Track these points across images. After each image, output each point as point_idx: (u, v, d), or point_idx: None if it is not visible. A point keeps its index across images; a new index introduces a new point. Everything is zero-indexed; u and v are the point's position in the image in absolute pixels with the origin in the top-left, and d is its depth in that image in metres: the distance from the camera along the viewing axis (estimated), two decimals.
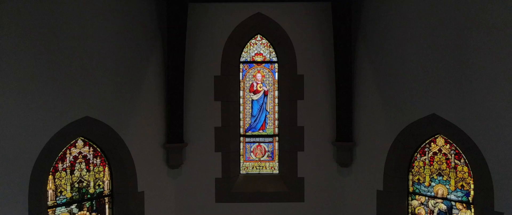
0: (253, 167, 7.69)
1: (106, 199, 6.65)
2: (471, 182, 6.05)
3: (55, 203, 6.05)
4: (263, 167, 7.69)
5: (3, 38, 5.14)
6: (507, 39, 5.34)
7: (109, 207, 6.68)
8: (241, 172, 7.64)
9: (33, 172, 5.52)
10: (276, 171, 7.65)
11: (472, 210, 6.05)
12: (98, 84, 6.16)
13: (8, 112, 5.25)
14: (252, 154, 7.70)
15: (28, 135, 5.45)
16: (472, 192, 6.06)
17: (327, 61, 7.17)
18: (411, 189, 6.72)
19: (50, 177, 5.94)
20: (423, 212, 6.60)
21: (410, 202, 6.74)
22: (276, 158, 7.66)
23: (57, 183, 6.05)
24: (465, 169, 6.12)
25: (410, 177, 6.71)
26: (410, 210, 6.74)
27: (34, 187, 5.53)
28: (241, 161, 7.64)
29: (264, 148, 7.69)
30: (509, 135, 5.40)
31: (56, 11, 5.63)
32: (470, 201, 6.09)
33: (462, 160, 6.15)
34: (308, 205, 7.36)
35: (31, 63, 5.42)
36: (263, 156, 7.70)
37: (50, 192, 5.97)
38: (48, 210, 5.94)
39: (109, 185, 6.68)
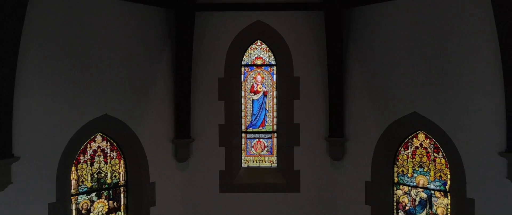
0: (253, 161, 8.42)
1: (121, 189, 7.39)
2: (448, 172, 6.78)
3: (77, 191, 6.79)
4: (262, 160, 8.41)
5: (37, 50, 5.88)
6: (478, 46, 6.06)
7: (124, 196, 7.41)
8: (242, 165, 8.36)
9: (60, 163, 6.28)
10: (275, 164, 8.37)
11: (449, 197, 6.79)
12: (115, 86, 6.89)
13: (40, 111, 6.00)
14: (252, 148, 8.42)
15: (56, 131, 6.20)
16: (448, 182, 6.80)
17: (320, 64, 7.88)
18: (396, 180, 7.45)
19: (73, 168, 6.68)
20: (406, 200, 7.34)
21: (395, 191, 7.48)
22: (275, 152, 8.38)
23: (79, 174, 6.80)
24: (443, 161, 6.86)
25: (395, 169, 7.45)
26: (395, 199, 7.48)
27: (60, 177, 6.29)
28: (242, 155, 8.35)
29: (264, 143, 8.41)
30: (479, 131, 6.13)
31: (80, 24, 6.40)
32: (447, 190, 6.83)
33: (440, 153, 6.88)
34: (304, 195, 8.08)
35: (58, 70, 6.17)
36: (262, 151, 8.42)
37: (73, 181, 6.72)
38: (72, 197, 6.68)
39: (124, 176, 7.42)
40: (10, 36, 5.31)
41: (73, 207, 6.73)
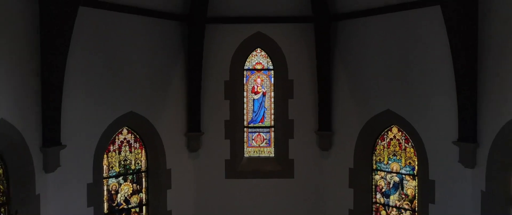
0: (254, 151, 9.78)
1: (143, 174, 8.77)
2: (416, 159, 8.16)
3: (108, 175, 8.18)
4: (262, 151, 9.78)
5: (78, 61, 7.22)
6: (435, 56, 7.42)
7: (145, 180, 8.78)
8: (245, 155, 9.71)
9: (95, 151, 7.66)
10: (272, 154, 9.74)
11: (416, 180, 8.18)
12: (139, 88, 8.26)
13: (80, 109, 7.36)
14: (253, 141, 9.79)
15: (93, 125, 7.58)
16: (416, 167, 8.18)
17: (311, 69, 9.20)
18: (374, 167, 8.83)
19: (105, 155, 8.06)
20: (382, 183, 8.72)
21: (373, 176, 8.85)
22: (272, 144, 9.75)
23: (109, 160, 8.18)
24: (412, 150, 8.24)
25: (373, 157, 8.82)
26: (373, 183, 8.86)
27: (96, 162, 7.67)
28: (245, 147, 9.72)
29: (263, 136, 9.78)
30: (438, 125, 7.50)
31: (112, 38, 7.77)
32: (415, 174, 8.21)
33: (409, 144, 8.26)
34: (297, 180, 9.44)
35: (94, 77, 7.53)
36: (262, 143, 9.78)
37: (105, 167, 8.09)
38: (103, 180, 8.06)
39: (145, 163, 8.79)
40: (58, 52, 6.65)
41: (105, 188, 8.12)
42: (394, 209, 8.54)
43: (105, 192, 8.14)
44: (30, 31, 6.47)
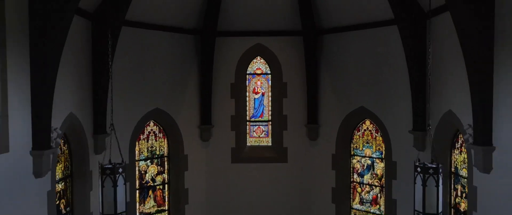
0: (255, 141, 11.85)
1: (165, 158, 10.85)
2: (383, 146, 10.26)
3: (139, 159, 10.27)
4: (261, 141, 11.85)
5: (118, 67, 9.30)
6: (397, 65, 9.48)
7: (167, 163, 10.87)
8: (247, 144, 11.78)
9: (130, 139, 9.75)
10: (270, 143, 11.80)
11: (384, 162, 10.27)
12: (162, 89, 10.34)
13: (120, 107, 9.39)
14: (254, 132, 11.86)
15: (129, 119, 9.65)
16: (384, 152, 10.27)
17: (302, 73, 11.25)
18: (352, 153, 10.92)
19: (136, 143, 10.15)
20: (358, 166, 10.81)
21: (351, 160, 10.95)
22: (270, 135, 11.81)
23: (140, 147, 10.27)
24: (380, 138, 10.33)
25: (351, 145, 10.92)
26: (351, 165, 10.96)
27: (131, 148, 9.76)
28: (247, 137, 11.79)
29: (262, 129, 11.86)
30: (399, 118, 9.57)
31: (142, 50, 9.83)
32: (383, 157, 10.31)
33: (379, 133, 10.36)
34: (290, 165, 11.50)
35: (130, 81, 9.58)
36: (261, 134, 11.86)
37: (136, 152, 10.19)
38: (135, 162, 10.15)
39: (167, 150, 10.88)
40: (105, 62, 8.72)
41: (136, 169, 10.21)
42: (367, 186, 10.65)
43: (137, 172, 10.23)
44: (86, 48, 8.54)
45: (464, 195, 7.95)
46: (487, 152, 6.58)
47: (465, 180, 7.76)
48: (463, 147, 7.94)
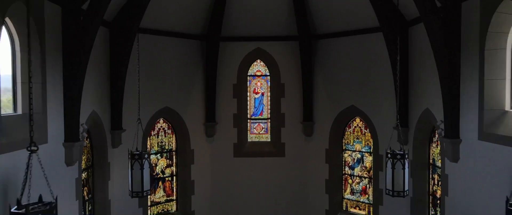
0: (255, 137, 12.90)
1: (174, 153, 11.91)
2: (371, 141, 11.32)
3: (150, 152, 11.33)
4: (261, 137, 12.90)
5: (132, 69, 10.35)
6: (384, 68, 10.54)
7: (175, 157, 11.93)
8: (248, 140, 12.83)
9: (144, 134, 10.79)
10: (269, 139, 12.86)
11: (372, 156, 11.33)
12: (172, 90, 11.40)
13: (135, 106, 10.45)
14: (254, 129, 12.92)
15: (141, 116, 10.59)
16: (372, 147, 11.33)
17: (297, 75, 12.30)
18: (343, 147, 11.98)
19: (148, 138, 11.21)
20: (349, 159, 11.87)
21: (343, 154, 12.01)
22: (269, 131, 12.87)
23: (151, 142, 11.34)
24: (369, 134, 11.39)
25: (343, 140, 11.98)
26: (343, 159, 12.02)
27: (144, 142, 10.80)
28: (248, 133, 12.83)
29: (262, 126, 12.91)
30: (385, 116, 10.62)
31: (154, 56, 10.88)
32: (371, 151, 11.37)
33: (367, 130, 11.42)
34: (287, 159, 12.54)
35: (142, 81, 10.62)
36: (261, 131, 12.91)
37: (148, 146, 11.25)
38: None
39: (175, 145, 11.94)
40: (122, 64, 9.79)
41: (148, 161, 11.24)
42: (357, 178, 11.71)
43: (148, 164, 11.26)
44: (105, 53, 9.60)
45: (439, 183, 9.02)
46: (455, 144, 7.65)
47: (440, 169, 8.82)
48: (439, 141, 9.01)
